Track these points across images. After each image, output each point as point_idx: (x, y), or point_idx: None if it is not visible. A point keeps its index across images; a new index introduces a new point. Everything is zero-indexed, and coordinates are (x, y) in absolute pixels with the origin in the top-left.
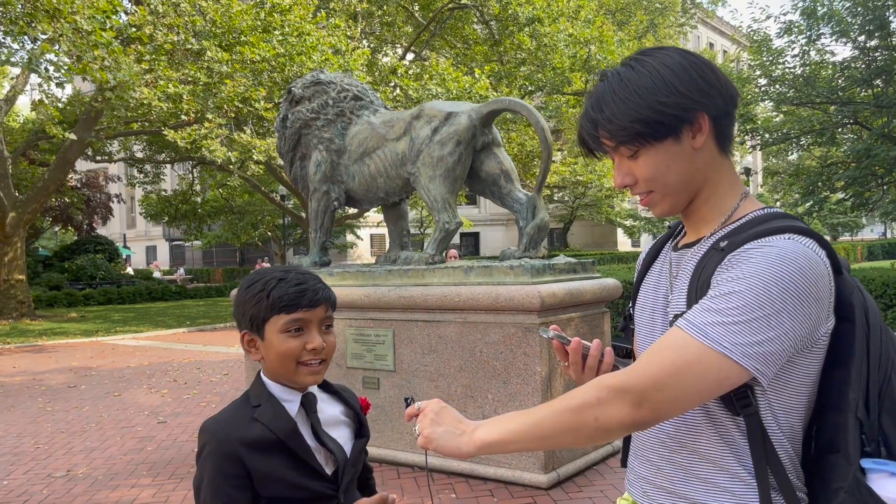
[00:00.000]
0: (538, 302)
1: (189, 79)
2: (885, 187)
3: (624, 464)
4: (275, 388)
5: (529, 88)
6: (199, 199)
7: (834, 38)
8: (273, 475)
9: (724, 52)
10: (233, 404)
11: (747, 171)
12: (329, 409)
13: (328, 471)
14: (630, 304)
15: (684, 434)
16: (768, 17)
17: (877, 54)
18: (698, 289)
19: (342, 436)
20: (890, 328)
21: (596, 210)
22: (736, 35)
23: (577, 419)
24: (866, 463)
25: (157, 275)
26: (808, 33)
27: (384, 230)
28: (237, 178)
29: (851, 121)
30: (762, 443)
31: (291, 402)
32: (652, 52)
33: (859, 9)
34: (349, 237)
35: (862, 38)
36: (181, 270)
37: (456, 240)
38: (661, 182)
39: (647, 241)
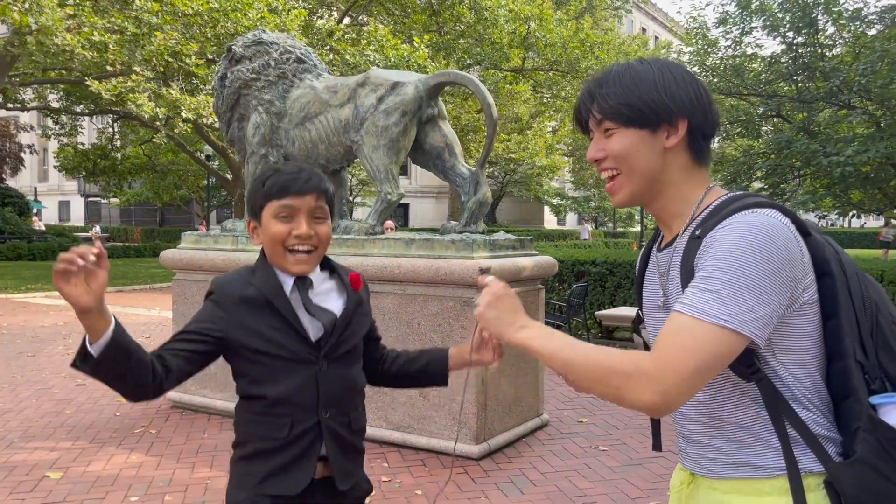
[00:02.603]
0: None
1: (116, 28)
2: (799, 179)
3: (655, 448)
4: (273, 265)
5: (468, 62)
6: (119, 155)
7: (765, 31)
8: (256, 329)
9: (656, 37)
10: (240, 268)
11: None
12: (329, 290)
13: (313, 338)
14: (639, 308)
15: (723, 409)
16: (708, 5)
17: (802, 50)
18: (686, 275)
19: (336, 307)
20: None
21: (525, 187)
22: (670, 24)
23: (605, 378)
24: (874, 399)
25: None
26: (742, 25)
27: None
28: (162, 136)
29: (775, 114)
30: (776, 403)
31: (286, 280)
32: (672, 62)
33: (789, 5)
34: None
35: (790, 33)
36: (97, 228)
37: None
38: (626, 163)
39: (572, 220)
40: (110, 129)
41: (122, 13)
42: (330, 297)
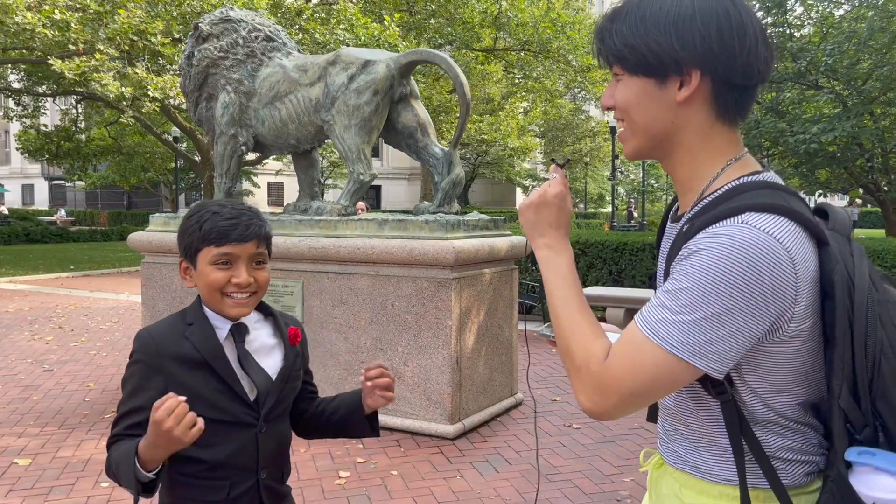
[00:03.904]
0: (452, 257)
1: (78, 6)
2: (768, 159)
3: (650, 419)
4: (208, 312)
5: (439, 41)
6: (83, 137)
7: None
8: (195, 392)
9: None
10: (170, 317)
11: None
12: (264, 337)
13: (251, 397)
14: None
15: (682, 412)
16: None
17: (771, 31)
18: (666, 273)
19: (272, 364)
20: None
21: (497, 169)
22: None
23: (563, 352)
24: (850, 455)
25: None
26: None
27: (283, 179)
28: (128, 117)
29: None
30: (738, 426)
31: (221, 329)
32: None
33: None
34: (246, 184)
35: (760, 13)
36: (62, 212)
37: None
38: (629, 115)
39: None
40: (74, 111)
41: None
42: (265, 346)
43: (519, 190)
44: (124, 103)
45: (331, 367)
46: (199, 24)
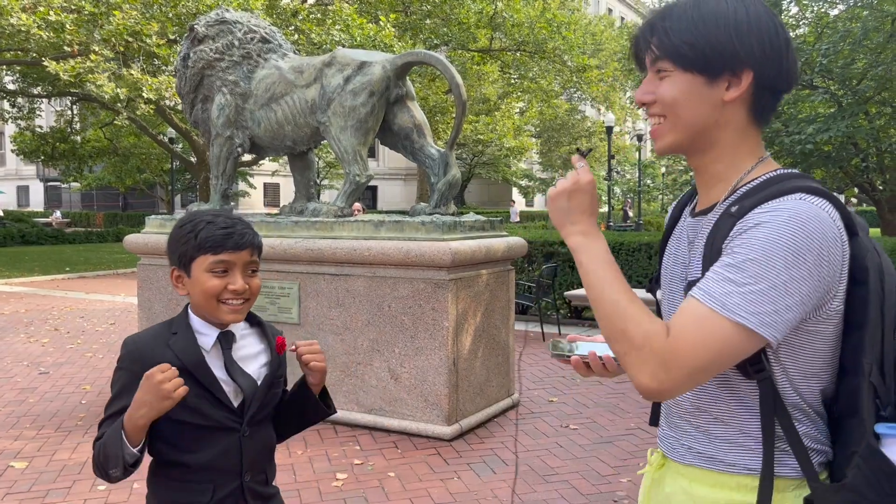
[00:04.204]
0: (449, 258)
1: (73, 7)
2: None
3: (652, 423)
4: (195, 320)
5: (435, 42)
6: (78, 139)
7: None
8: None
9: (622, 18)
10: (157, 326)
11: (639, 138)
12: (250, 345)
13: (235, 403)
14: (658, 269)
15: (703, 400)
16: None
17: None
18: (711, 257)
19: (257, 371)
20: None
21: (493, 169)
22: (637, 4)
23: (617, 336)
24: (880, 428)
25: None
26: None
27: (279, 179)
28: (123, 118)
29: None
30: (773, 405)
31: (208, 336)
32: None
33: None
34: (242, 185)
35: None
36: (58, 213)
37: None
38: (674, 111)
39: (541, 202)
40: (69, 112)
41: None
42: (251, 354)
43: (515, 190)
44: (119, 105)
45: (328, 369)
46: (195, 26)
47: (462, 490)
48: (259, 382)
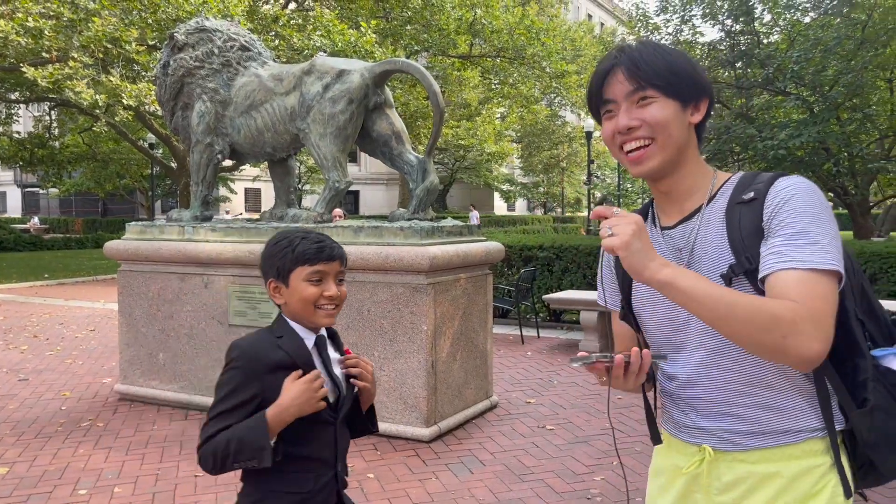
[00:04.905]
0: (427, 263)
1: (52, 13)
2: (739, 163)
3: (655, 441)
4: (295, 325)
5: (415, 48)
6: (57, 144)
7: (704, 19)
8: None
9: (602, 24)
10: (258, 332)
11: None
12: (332, 351)
13: (332, 399)
14: (621, 298)
15: (749, 374)
16: None
17: (740, 38)
18: (744, 239)
19: (340, 374)
20: None
21: (475, 173)
22: (615, 10)
23: (769, 324)
24: (875, 352)
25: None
26: (682, 13)
27: (260, 185)
28: (103, 124)
29: (714, 100)
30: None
31: (307, 339)
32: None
33: None
34: (223, 191)
35: (729, 21)
36: (35, 219)
37: None
38: (665, 132)
39: (522, 206)
40: (48, 117)
41: None
42: (334, 359)
43: (497, 194)
44: (98, 111)
45: None
46: (175, 34)
47: (440, 490)
48: (345, 385)
